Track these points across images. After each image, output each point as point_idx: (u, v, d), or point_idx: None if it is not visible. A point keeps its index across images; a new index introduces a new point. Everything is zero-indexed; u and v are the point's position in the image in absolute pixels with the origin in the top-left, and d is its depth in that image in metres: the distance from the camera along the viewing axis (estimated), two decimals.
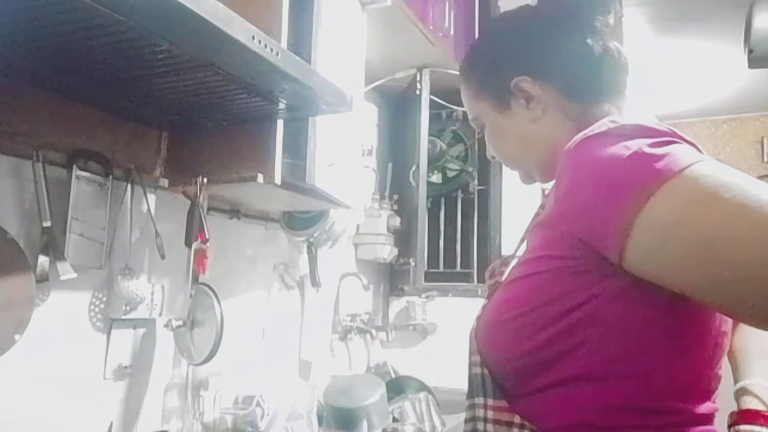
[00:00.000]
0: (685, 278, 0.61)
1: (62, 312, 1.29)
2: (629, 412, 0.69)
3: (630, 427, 0.69)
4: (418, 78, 2.45)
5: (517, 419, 0.74)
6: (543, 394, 0.72)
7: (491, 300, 0.79)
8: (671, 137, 0.66)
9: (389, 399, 1.95)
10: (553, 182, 0.80)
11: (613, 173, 0.64)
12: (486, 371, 0.77)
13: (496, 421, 0.76)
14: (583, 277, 0.69)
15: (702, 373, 0.73)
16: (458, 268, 2.66)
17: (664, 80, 3.95)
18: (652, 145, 0.63)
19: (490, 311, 0.78)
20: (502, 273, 0.84)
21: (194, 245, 1.42)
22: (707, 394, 0.73)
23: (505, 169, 2.51)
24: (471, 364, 0.80)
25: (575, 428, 0.71)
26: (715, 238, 0.57)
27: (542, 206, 0.82)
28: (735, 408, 0.88)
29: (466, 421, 0.82)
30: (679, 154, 0.62)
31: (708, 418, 0.73)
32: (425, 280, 2.52)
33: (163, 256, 1.45)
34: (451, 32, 2.29)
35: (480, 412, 0.79)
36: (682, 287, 0.62)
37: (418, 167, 2.47)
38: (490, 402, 0.77)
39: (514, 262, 0.82)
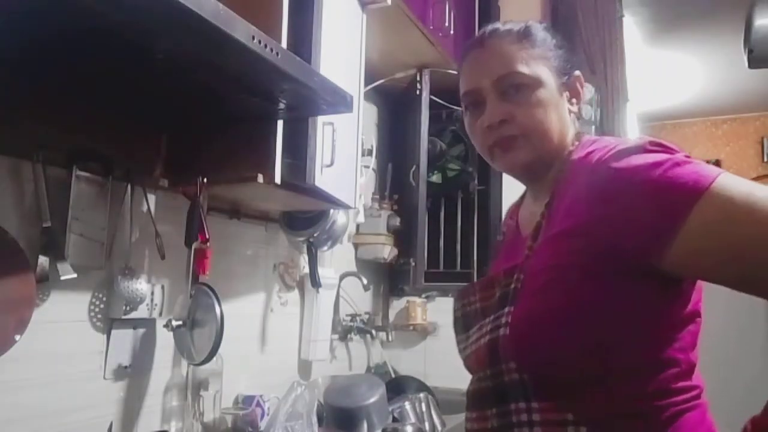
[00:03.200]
0: (729, 271, 0.71)
1: (62, 312, 1.29)
2: (669, 393, 0.77)
3: (671, 405, 0.77)
4: (418, 78, 2.45)
5: (570, 417, 0.76)
6: (594, 389, 0.77)
7: (521, 306, 0.80)
8: (686, 154, 0.76)
9: (389, 399, 1.95)
10: (546, 194, 0.89)
11: (652, 184, 0.73)
12: (526, 376, 0.78)
13: (545, 423, 0.77)
14: (617, 281, 0.76)
15: (696, 356, 0.83)
16: (458, 268, 2.66)
17: (664, 80, 3.96)
18: (680, 162, 0.73)
19: (530, 317, 0.79)
20: (517, 280, 0.83)
21: (194, 245, 1.42)
22: None
23: None
24: (501, 372, 0.80)
25: (627, 417, 0.77)
26: (759, 232, 0.68)
27: (543, 215, 0.87)
28: None
29: (494, 429, 0.81)
30: (705, 166, 0.73)
31: (703, 391, 0.84)
32: (425, 280, 2.52)
33: (163, 256, 1.45)
34: (451, 32, 2.29)
35: (523, 417, 0.78)
36: (726, 278, 0.72)
37: (418, 167, 2.47)
38: (535, 405, 0.78)
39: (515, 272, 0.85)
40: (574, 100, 0.95)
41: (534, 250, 0.84)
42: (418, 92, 2.45)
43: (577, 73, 0.96)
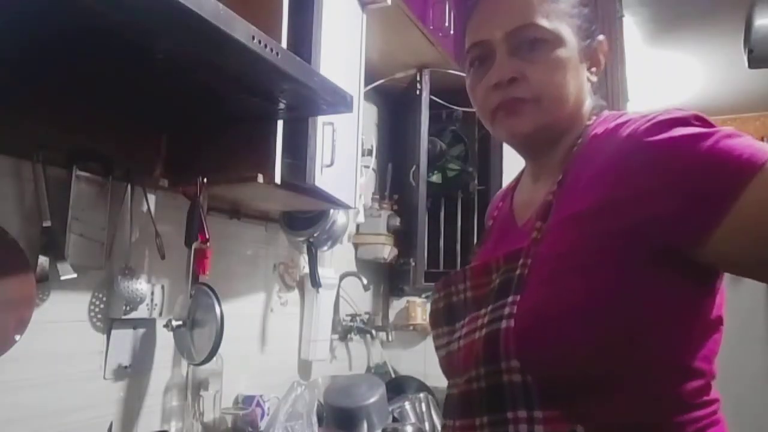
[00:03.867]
0: None
1: (62, 312, 1.29)
2: (692, 408, 0.69)
3: (693, 421, 0.69)
4: (418, 78, 2.45)
5: (580, 429, 0.66)
6: (608, 398, 0.68)
7: (529, 296, 0.70)
8: (733, 129, 0.67)
9: (389, 399, 1.95)
10: (557, 173, 0.79)
11: (701, 156, 0.64)
12: (530, 378, 0.67)
13: None
14: (643, 270, 0.67)
15: (717, 368, 0.75)
16: (458, 268, 2.65)
17: (664, 80, 3.96)
18: (732, 134, 0.64)
19: (539, 308, 0.68)
20: (523, 265, 0.72)
21: (194, 245, 1.42)
22: None
23: (505, 170, 2.52)
24: (499, 372, 0.69)
25: (646, 428, 0.68)
26: None
27: (554, 194, 0.76)
28: None
29: None
30: (758, 141, 0.65)
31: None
32: (425, 280, 2.52)
33: (163, 256, 1.45)
34: (451, 32, 2.29)
35: (522, 428, 0.68)
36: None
37: (418, 167, 2.47)
38: (538, 414, 0.67)
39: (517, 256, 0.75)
40: (594, 69, 0.83)
41: (544, 233, 0.73)
42: (418, 92, 2.45)
43: (601, 38, 0.84)
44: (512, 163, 2.47)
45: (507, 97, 0.79)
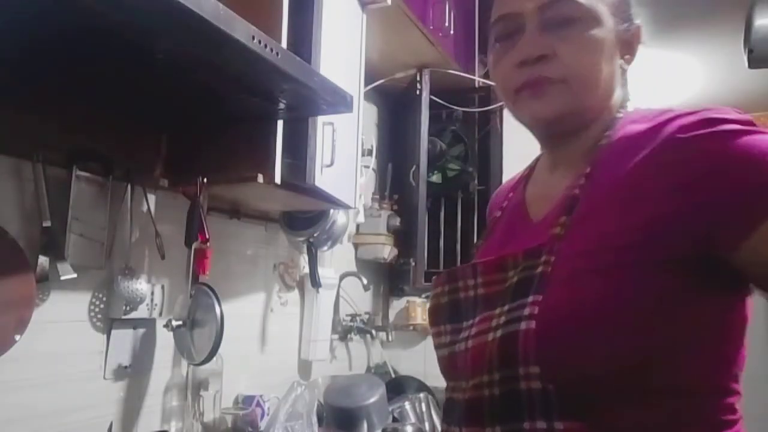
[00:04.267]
0: None
1: (62, 312, 1.29)
2: (720, 426, 0.65)
3: None
4: (418, 78, 2.45)
5: None
6: (637, 410, 0.63)
7: (552, 295, 0.64)
8: None
9: (389, 399, 1.95)
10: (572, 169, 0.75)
11: (749, 149, 0.60)
12: (551, 386, 0.62)
13: None
14: (679, 271, 0.63)
15: None
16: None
17: (664, 80, 3.96)
18: None
19: (563, 309, 0.63)
20: (546, 263, 0.67)
21: (194, 245, 1.42)
22: None
23: (505, 169, 2.52)
24: (515, 379, 0.64)
25: None
26: None
27: (582, 188, 0.71)
28: None
29: None
30: None
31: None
32: (425, 280, 2.52)
33: (163, 256, 1.45)
34: (451, 32, 2.29)
35: None
36: None
37: (418, 167, 2.47)
38: (559, 426, 0.61)
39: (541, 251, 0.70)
40: (627, 57, 0.78)
41: (569, 228, 0.68)
42: (418, 92, 2.45)
43: (639, 23, 0.78)
44: (512, 164, 2.47)
45: (533, 75, 0.72)
